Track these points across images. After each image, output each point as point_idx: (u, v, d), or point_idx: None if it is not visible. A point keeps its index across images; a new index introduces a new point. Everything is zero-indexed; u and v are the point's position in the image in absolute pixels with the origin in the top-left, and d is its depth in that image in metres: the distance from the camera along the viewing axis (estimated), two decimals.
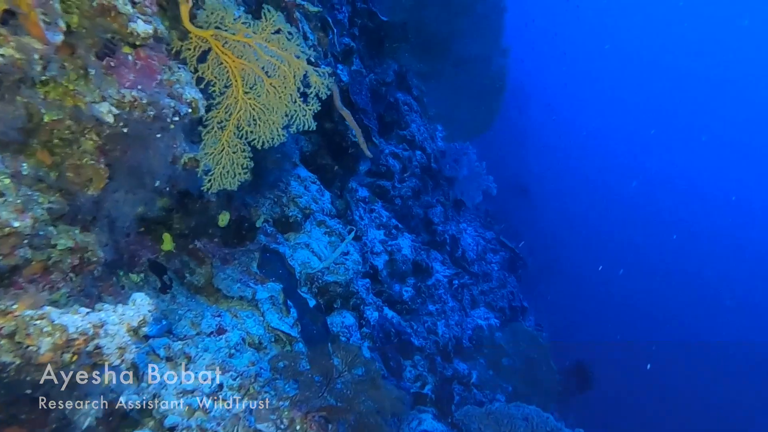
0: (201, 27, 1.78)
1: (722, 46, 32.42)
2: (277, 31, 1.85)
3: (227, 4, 1.77)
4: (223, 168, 1.89)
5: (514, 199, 14.45)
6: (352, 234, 3.29)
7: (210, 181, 1.88)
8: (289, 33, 1.85)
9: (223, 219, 2.68)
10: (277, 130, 1.92)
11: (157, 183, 1.68)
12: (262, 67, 1.87)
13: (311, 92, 1.93)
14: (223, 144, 1.88)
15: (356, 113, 3.66)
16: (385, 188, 5.07)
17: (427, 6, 5.30)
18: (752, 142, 30.94)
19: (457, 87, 5.72)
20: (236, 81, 1.86)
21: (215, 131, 1.87)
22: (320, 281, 3.19)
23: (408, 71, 5.65)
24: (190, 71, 1.78)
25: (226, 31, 1.79)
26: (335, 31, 2.46)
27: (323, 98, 1.94)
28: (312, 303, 3.07)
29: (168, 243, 2.46)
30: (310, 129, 1.94)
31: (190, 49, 1.76)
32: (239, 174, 1.91)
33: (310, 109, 1.94)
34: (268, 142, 1.92)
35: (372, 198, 4.90)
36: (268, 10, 1.80)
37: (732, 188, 28.94)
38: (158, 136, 1.59)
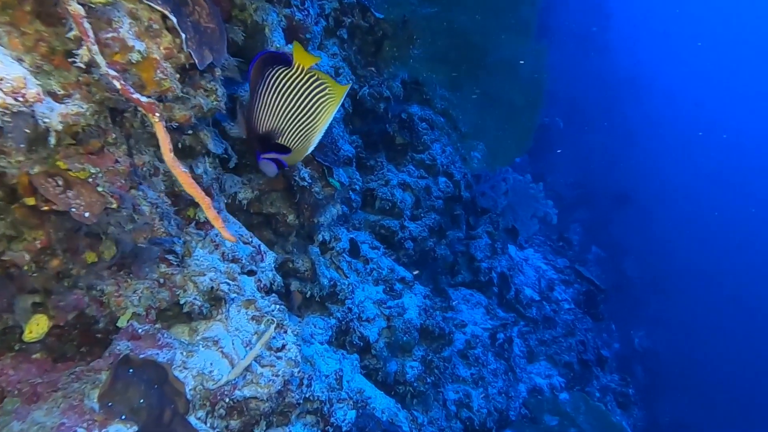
0: None
1: None
2: None
3: None
4: None
5: (613, 210, 12.70)
6: (273, 326, 2.26)
7: None
8: None
9: (35, 327, 1.78)
10: None
11: None
12: None
13: None
14: None
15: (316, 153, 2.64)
16: (392, 229, 3.98)
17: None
18: None
19: (484, 100, 4.47)
20: None
21: None
22: (229, 398, 2.19)
23: (427, 80, 4.50)
24: None
25: None
26: (184, 37, 1.46)
27: None
28: None
29: None
30: None
31: None
32: None
33: None
34: None
35: (374, 243, 3.84)
36: None
37: None
38: None
